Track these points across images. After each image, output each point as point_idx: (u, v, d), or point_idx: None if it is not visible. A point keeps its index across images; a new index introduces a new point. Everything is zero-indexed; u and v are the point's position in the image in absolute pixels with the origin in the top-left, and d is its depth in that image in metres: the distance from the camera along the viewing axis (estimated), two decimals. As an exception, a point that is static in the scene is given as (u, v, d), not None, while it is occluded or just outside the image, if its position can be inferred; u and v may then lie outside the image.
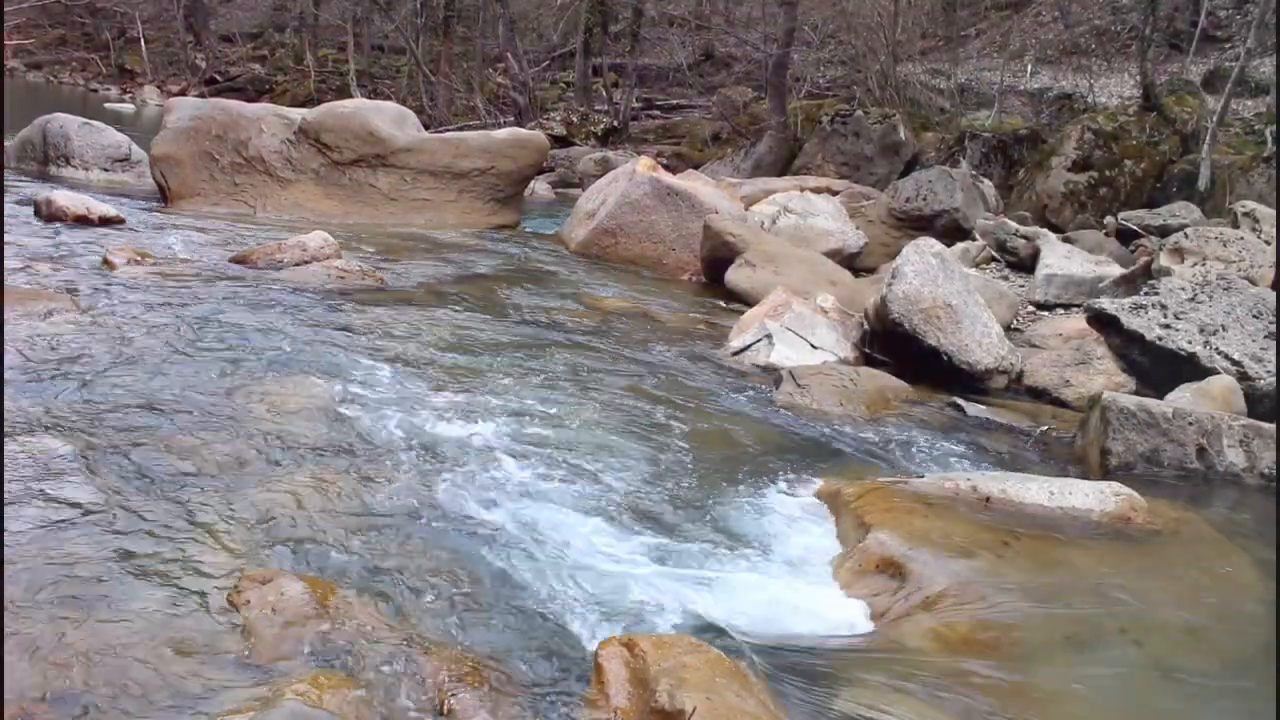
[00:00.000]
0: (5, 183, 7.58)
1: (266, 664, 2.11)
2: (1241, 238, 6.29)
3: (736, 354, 5.21)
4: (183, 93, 22.23)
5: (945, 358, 4.99)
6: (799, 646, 2.47)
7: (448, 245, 7.66)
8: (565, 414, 3.92)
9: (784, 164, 12.82)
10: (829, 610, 2.71)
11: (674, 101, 20.04)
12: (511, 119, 17.10)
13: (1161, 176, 9.63)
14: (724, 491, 3.37)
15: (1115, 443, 3.87)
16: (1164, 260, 6.23)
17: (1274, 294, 5.06)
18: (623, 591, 2.62)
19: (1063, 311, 6.63)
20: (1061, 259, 7.10)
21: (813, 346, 5.23)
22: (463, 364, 4.44)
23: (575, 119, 17.75)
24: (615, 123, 17.64)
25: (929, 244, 5.29)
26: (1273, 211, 6.80)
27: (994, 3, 19.31)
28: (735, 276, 6.77)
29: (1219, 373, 4.57)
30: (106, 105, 22.08)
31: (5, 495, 2.66)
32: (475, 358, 4.58)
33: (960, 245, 7.94)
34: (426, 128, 9.90)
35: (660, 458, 3.60)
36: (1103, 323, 5.15)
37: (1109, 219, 8.88)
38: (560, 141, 15.91)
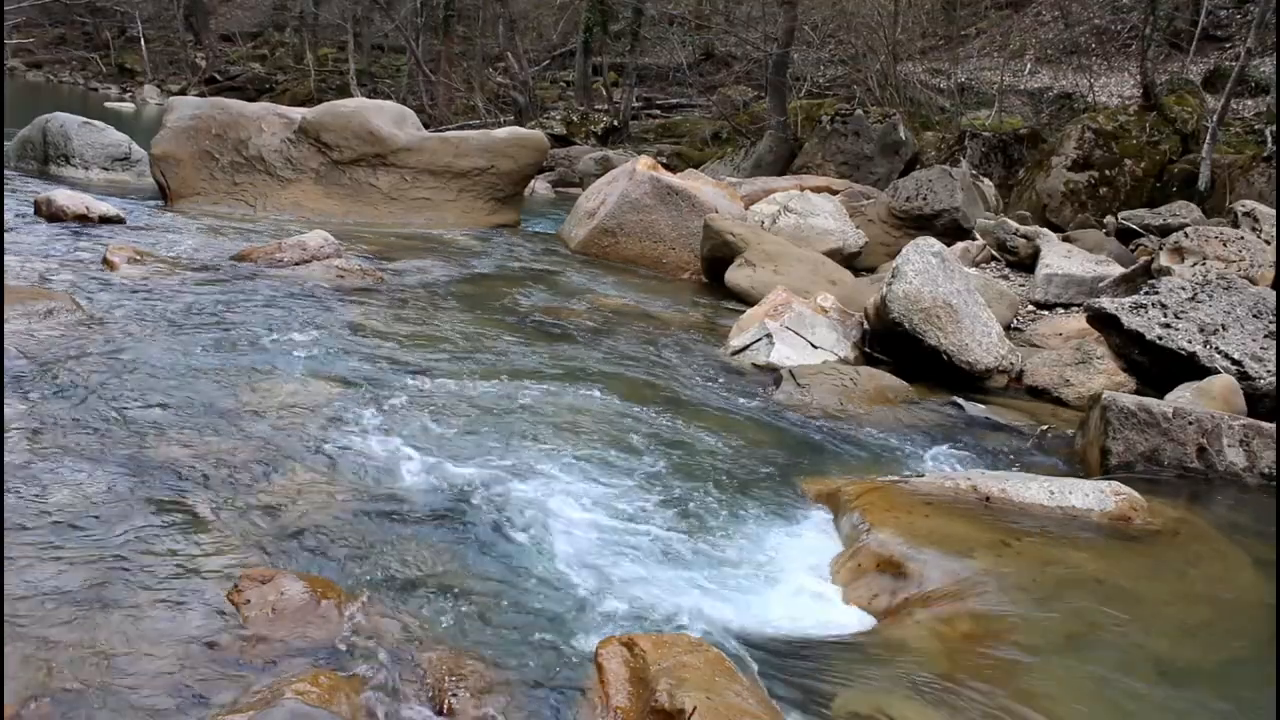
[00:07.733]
0: (5, 182, 7.58)
1: (266, 663, 2.11)
2: (1241, 237, 6.29)
3: (736, 353, 5.21)
4: (183, 92, 22.25)
5: (945, 357, 4.99)
6: (799, 645, 2.47)
7: (447, 244, 7.66)
8: (564, 414, 3.91)
9: (784, 163, 12.80)
10: (829, 609, 2.71)
11: (674, 101, 20.04)
12: (511, 118, 17.09)
13: (1161, 176, 9.63)
14: (723, 491, 3.37)
15: (1115, 442, 3.87)
16: (1164, 260, 6.22)
17: (1274, 294, 5.06)
18: (622, 591, 2.62)
19: (1063, 311, 6.62)
20: (1061, 258, 7.10)
21: (813, 346, 5.23)
22: (462, 363, 4.44)
23: (575, 118, 17.73)
24: (615, 122, 17.62)
25: (929, 243, 5.29)
26: (1273, 211, 6.80)
27: (994, 2, 19.30)
28: (735, 276, 6.77)
29: (1219, 372, 4.57)
30: (106, 104, 22.08)
31: (5, 495, 2.66)
32: (475, 357, 4.58)
33: (960, 245, 7.94)
34: (426, 127, 9.89)
35: (659, 457, 3.60)
36: (1103, 322, 5.14)
37: (1109, 218, 8.87)
38: (560, 141, 15.89)
